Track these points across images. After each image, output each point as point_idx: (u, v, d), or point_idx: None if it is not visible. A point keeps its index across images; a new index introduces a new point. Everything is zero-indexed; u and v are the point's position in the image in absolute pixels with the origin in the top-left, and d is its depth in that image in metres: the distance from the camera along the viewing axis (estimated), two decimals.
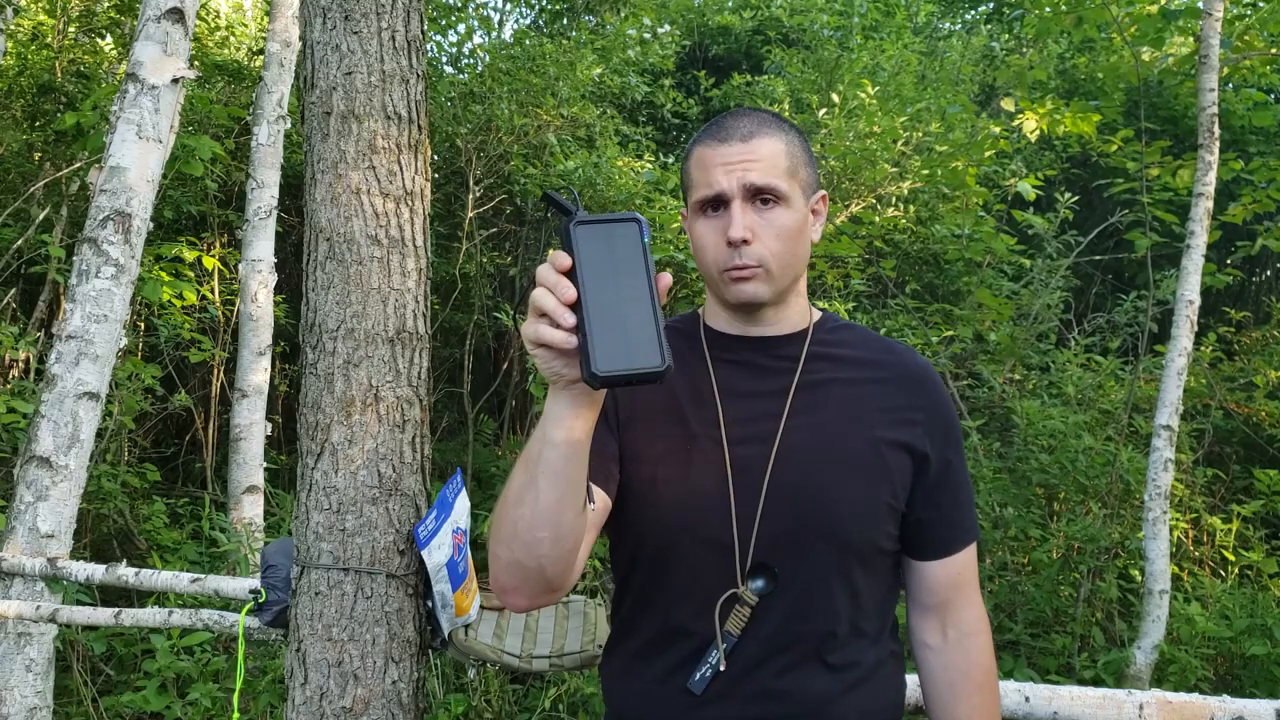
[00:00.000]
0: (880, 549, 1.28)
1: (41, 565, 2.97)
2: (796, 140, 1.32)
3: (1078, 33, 4.99)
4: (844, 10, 9.35)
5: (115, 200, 3.33)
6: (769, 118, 1.32)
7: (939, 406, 1.33)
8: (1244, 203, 4.79)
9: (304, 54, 1.86)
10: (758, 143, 1.27)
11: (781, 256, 1.27)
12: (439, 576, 1.79)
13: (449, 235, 6.69)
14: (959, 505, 1.34)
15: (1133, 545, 4.42)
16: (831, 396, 1.30)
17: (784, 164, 1.28)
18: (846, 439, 1.27)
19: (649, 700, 1.28)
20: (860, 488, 1.25)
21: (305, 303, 1.84)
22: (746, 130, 1.28)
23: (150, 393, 5.57)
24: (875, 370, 1.33)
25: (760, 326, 1.33)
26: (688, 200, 1.32)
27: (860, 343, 1.37)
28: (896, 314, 5.69)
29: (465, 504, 1.92)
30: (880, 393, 1.31)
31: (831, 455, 1.26)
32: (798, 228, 1.28)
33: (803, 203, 1.30)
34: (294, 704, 1.78)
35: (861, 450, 1.27)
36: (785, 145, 1.29)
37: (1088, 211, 7.04)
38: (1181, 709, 1.63)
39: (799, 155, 1.30)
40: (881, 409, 1.30)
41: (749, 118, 1.30)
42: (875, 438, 1.27)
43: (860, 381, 1.31)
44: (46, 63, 6.70)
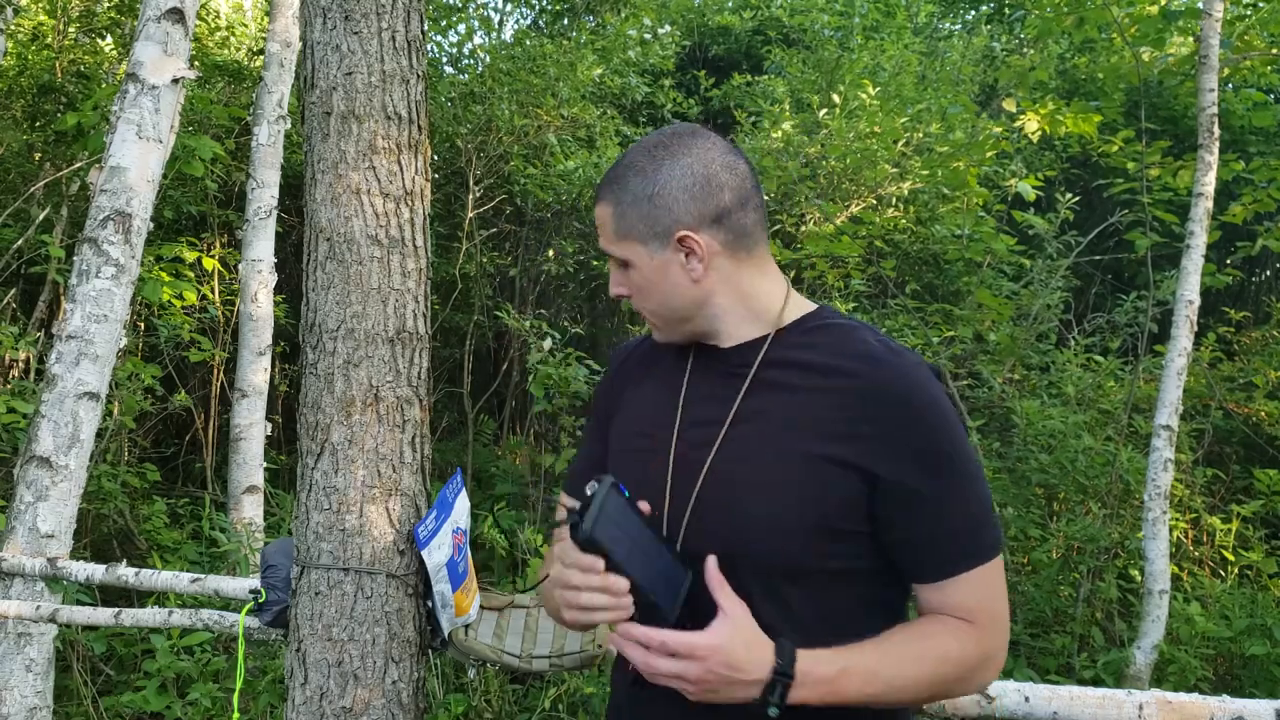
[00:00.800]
0: (813, 568, 1.20)
1: (41, 565, 2.97)
2: (627, 193, 1.28)
3: (1079, 33, 5.00)
4: (844, 10, 9.35)
5: (115, 200, 3.33)
6: (610, 176, 1.31)
7: (900, 425, 1.18)
8: (1244, 203, 4.79)
9: (304, 54, 1.86)
10: (597, 211, 1.32)
11: (653, 309, 1.32)
12: (439, 576, 1.79)
13: (449, 235, 6.69)
14: (945, 532, 1.20)
15: (1132, 545, 4.42)
16: (776, 405, 1.24)
17: (611, 229, 1.29)
18: (776, 452, 1.21)
19: (616, 686, 1.41)
20: (781, 504, 1.19)
21: (305, 303, 1.84)
22: (597, 197, 1.32)
23: (150, 393, 5.57)
24: (835, 379, 1.22)
25: (718, 342, 1.33)
26: None
27: (832, 348, 1.25)
28: (896, 314, 5.69)
29: (465, 504, 1.91)
30: (828, 403, 1.20)
31: (757, 469, 1.22)
32: (650, 282, 1.29)
33: (647, 256, 1.28)
34: (294, 704, 1.78)
35: (790, 464, 1.20)
36: (613, 209, 1.29)
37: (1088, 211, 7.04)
38: (1181, 709, 1.63)
39: (629, 210, 1.27)
40: (824, 420, 1.20)
41: (603, 178, 1.33)
42: (808, 452, 1.19)
43: (811, 390, 1.23)
44: (47, 63, 6.70)
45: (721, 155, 1.29)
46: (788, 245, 5.83)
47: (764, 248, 1.33)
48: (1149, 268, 4.59)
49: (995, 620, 1.23)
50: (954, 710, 1.74)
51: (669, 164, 1.27)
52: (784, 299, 1.32)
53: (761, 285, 1.31)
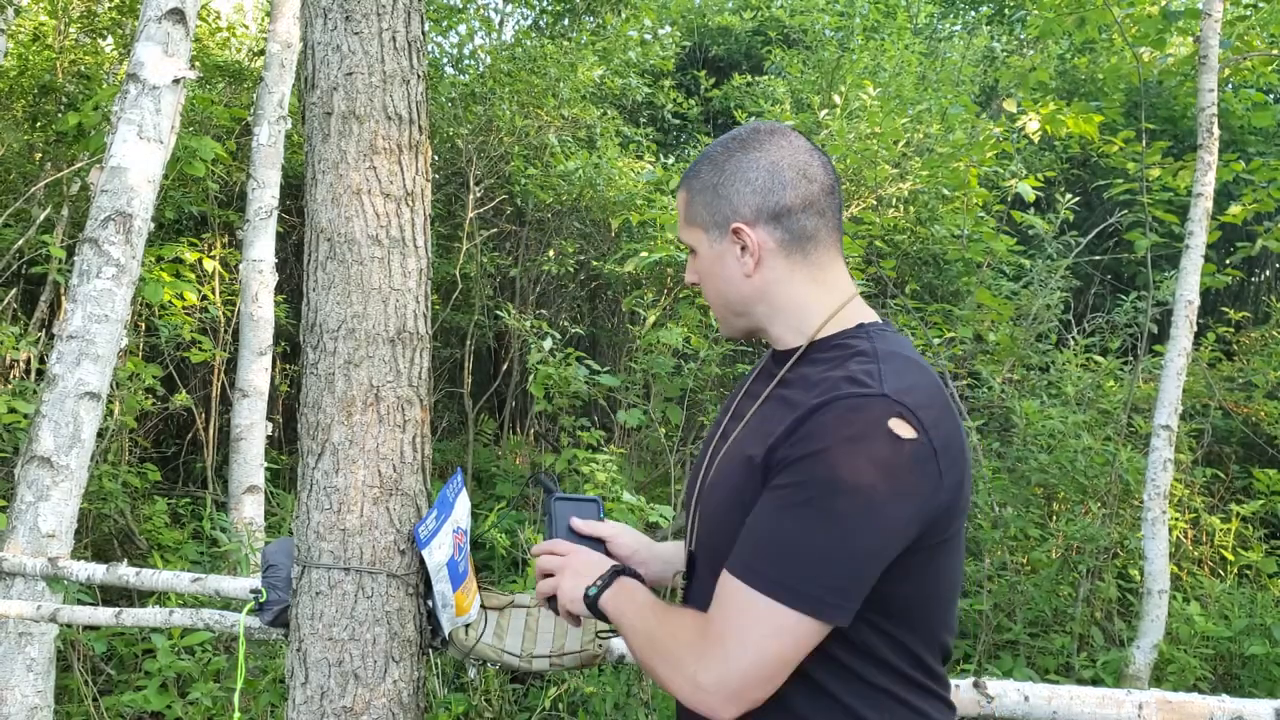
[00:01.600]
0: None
1: (42, 565, 2.97)
2: (702, 179, 1.32)
3: (1080, 34, 5.00)
4: (845, 11, 9.36)
5: (116, 200, 3.33)
6: (692, 165, 1.36)
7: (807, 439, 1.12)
8: (1244, 203, 4.80)
9: (305, 54, 1.86)
10: (678, 197, 1.38)
11: (712, 298, 1.37)
12: (439, 576, 1.79)
13: (449, 235, 6.70)
14: (751, 533, 1.15)
15: (1132, 545, 4.42)
16: (765, 412, 1.27)
17: (683, 215, 1.36)
18: (739, 455, 1.25)
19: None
20: (724, 500, 1.25)
21: (306, 303, 1.84)
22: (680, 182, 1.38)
23: (151, 393, 5.57)
24: (800, 393, 1.21)
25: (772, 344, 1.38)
26: None
27: (827, 367, 1.23)
28: (896, 314, 5.69)
29: (466, 504, 1.91)
30: (780, 413, 1.20)
31: (725, 465, 1.29)
32: (710, 272, 1.34)
33: (708, 245, 1.32)
34: (294, 703, 1.78)
35: (736, 465, 1.24)
36: (685, 193, 1.34)
37: (1087, 212, 7.04)
38: (1181, 709, 1.64)
39: (700, 196, 1.32)
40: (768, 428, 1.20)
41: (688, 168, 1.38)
42: (745, 454, 1.22)
43: (781, 400, 1.24)
44: (48, 63, 6.71)
45: (796, 155, 1.29)
46: None
47: (828, 255, 1.30)
48: (1148, 268, 4.60)
49: (725, 645, 1.13)
50: None
51: (740, 156, 1.30)
52: (831, 312, 1.29)
53: (812, 293, 1.29)
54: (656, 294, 5.92)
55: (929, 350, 5.17)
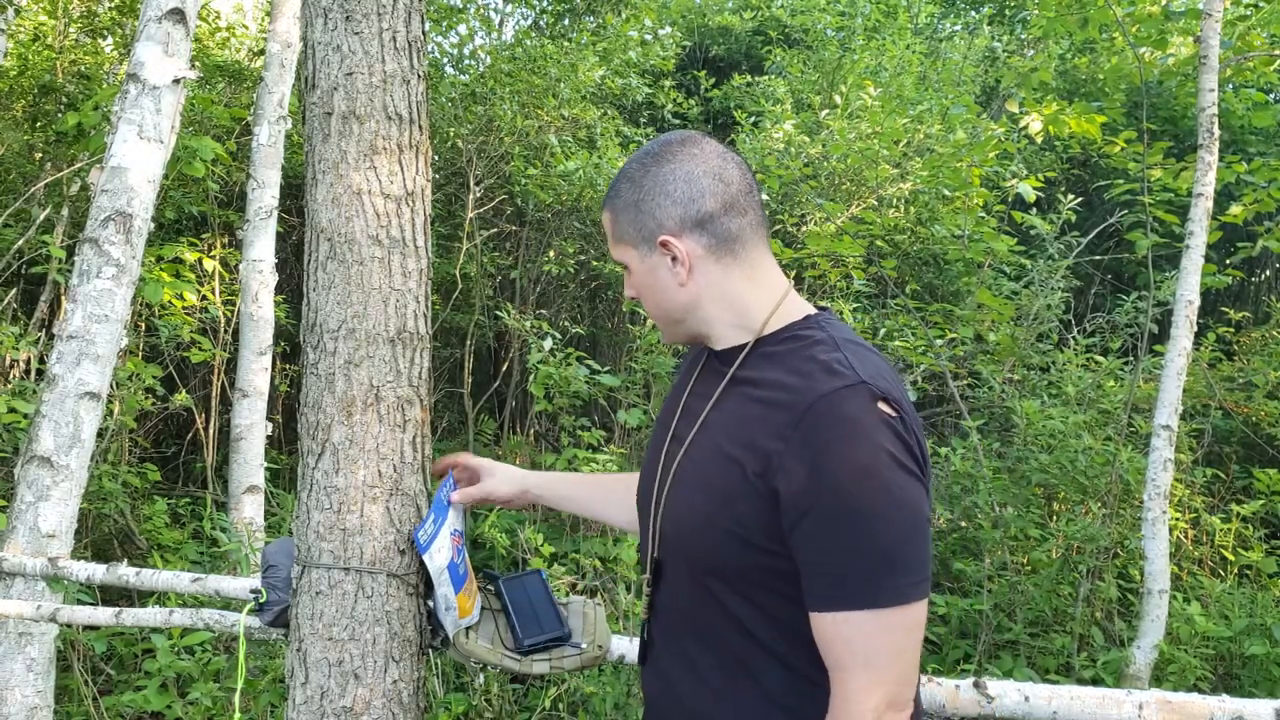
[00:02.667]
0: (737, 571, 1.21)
1: (42, 565, 2.97)
2: (620, 199, 1.35)
3: (1081, 34, 5.00)
4: (845, 11, 9.36)
5: (116, 200, 3.33)
6: (612, 185, 1.38)
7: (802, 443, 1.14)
8: (1245, 203, 4.79)
9: (305, 54, 1.86)
10: (602, 217, 1.40)
11: (650, 310, 1.40)
12: (441, 580, 1.78)
13: (449, 235, 6.70)
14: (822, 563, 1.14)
15: (1132, 545, 4.42)
16: (731, 411, 1.27)
17: (611, 234, 1.38)
18: (713, 454, 1.25)
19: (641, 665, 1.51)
20: (705, 505, 1.23)
21: (306, 303, 1.84)
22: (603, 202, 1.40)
23: (151, 393, 5.57)
24: (772, 393, 1.21)
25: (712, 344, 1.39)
26: None
27: (784, 362, 1.24)
28: (897, 314, 5.70)
29: (461, 506, 1.91)
30: (759, 415, 1.20)
31: (702, 468, 1.27)
32: (643, 285, 1.37)
33: (638, 261, 1.35)
34: (294, 703, 1.78)
35: (718, 468, 1.23)
36: (610, 213, 1.37)
37: (1088, 212, 7.04)
38: (1181, 709, 1.63)
39: (621, 216, 1.35)
40: (752, 431, 1.20)
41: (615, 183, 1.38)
42: (732, 458, 1.21)
43: (753, 401, 1.23)
44: (48, 63, 6.70)
45: (710, 162, 1.31)
46: (789, 245, 5.83)
47: (757, 253, 1.33)
48: (1149, 268, 4.59)
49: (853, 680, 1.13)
50: (954, 709, 1.75)
51: (654, 171, 1.32)
52: (773, 306, 1.31)
53: (750, 291, 1.32)
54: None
55: (929, 350, 5.17)
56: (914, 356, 5.10)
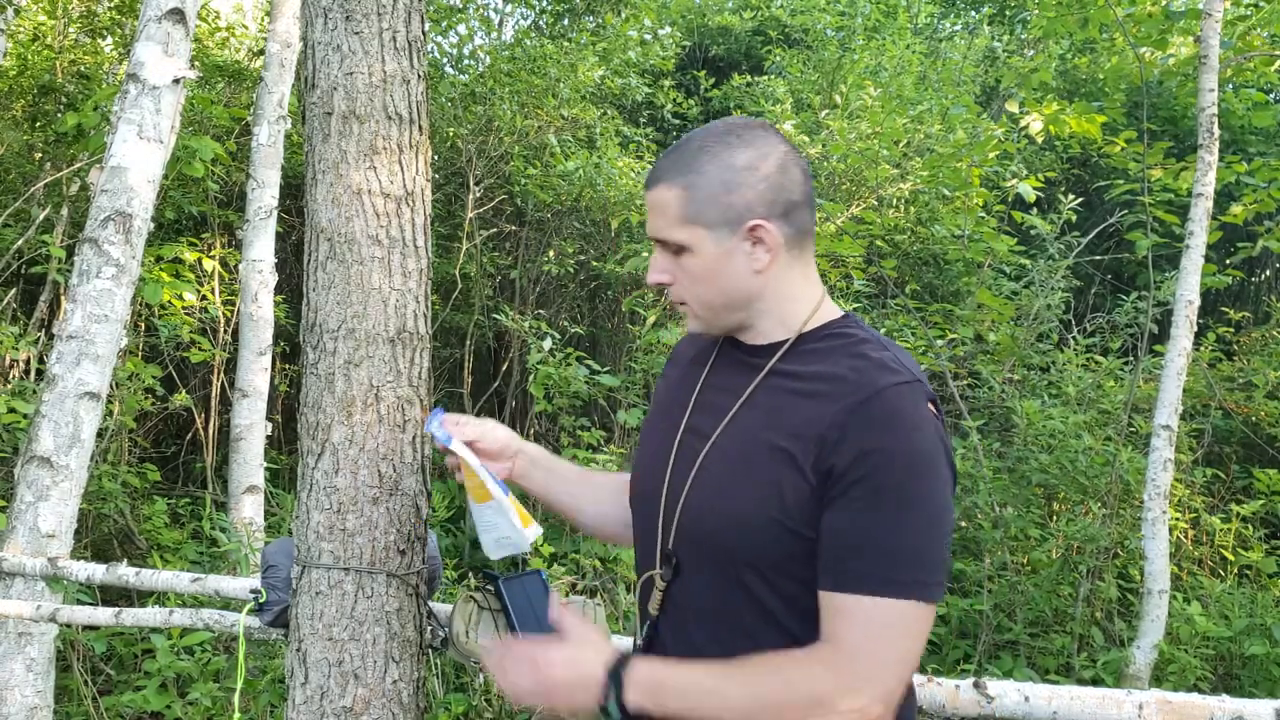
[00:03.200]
0: (778, 564, 1.20)
1: (42, 565, 2.97)
2: (708, 175, 1.26)
3: (1082, 34, 5.00)
4: (845, 11, 9.36)
5: (116, 200, 3.33)
6: (676, 159, 1.28)
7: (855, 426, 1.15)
8: (1245, 203, 4.79)
9: (305, 54, 1.86)
10: (655, 193, 1.29)
11: (700, 299, 1.29)
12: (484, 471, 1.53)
13: (449, 235, 6.70)
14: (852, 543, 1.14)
15: (1132, 545, 4.42)
16: (772, 404, 1.26)
17: (676, 212, 1.26)
18: (755, 452, 1.23)
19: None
20: (751, 498, 1.21)
21: (306, 303, 1.84)
22: (654, 176, 1.29)
23: (151, 393, 5.57)
24: (827, 384, 1.21)
25: (744, 337, 1.35)
26: None
27: (836, 358, 1.24)
28: (897, 314, 5.69)
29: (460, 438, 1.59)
30: (811, 410, 1.20)
31: (741, 462, 1.24)
32: (709, 270, 1.27)
33: (713, 243, 1.26)
34: (294, 703, 1.78)
35: (762, 460, 1.21)
36: (680, 191, 1.26)
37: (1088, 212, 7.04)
38: (1181, 709, 1.63)
39: (705, 193, 1.25)
40: (801, 424, 1.19)
41: (669, 156, 1.29)
42: (778, 449, 1.20)
43: (805, 394, 1.23)
44: (47, 63, 6.70)
45: (790, 150, 1.30)
46: None
47: (811, 250, 1.33)
48: (1149, 268, 4.59)
49: (862, 656, 1.13)
50: (954, 710, 1.75)
51: (744, 152, 1.26)
52: (815, 305, 1.32)
53: (802, 289, 1.32)
54: (657, 294, 5.92)
55: (930, 350, 5.17)
56: (914, 356, 5.10)
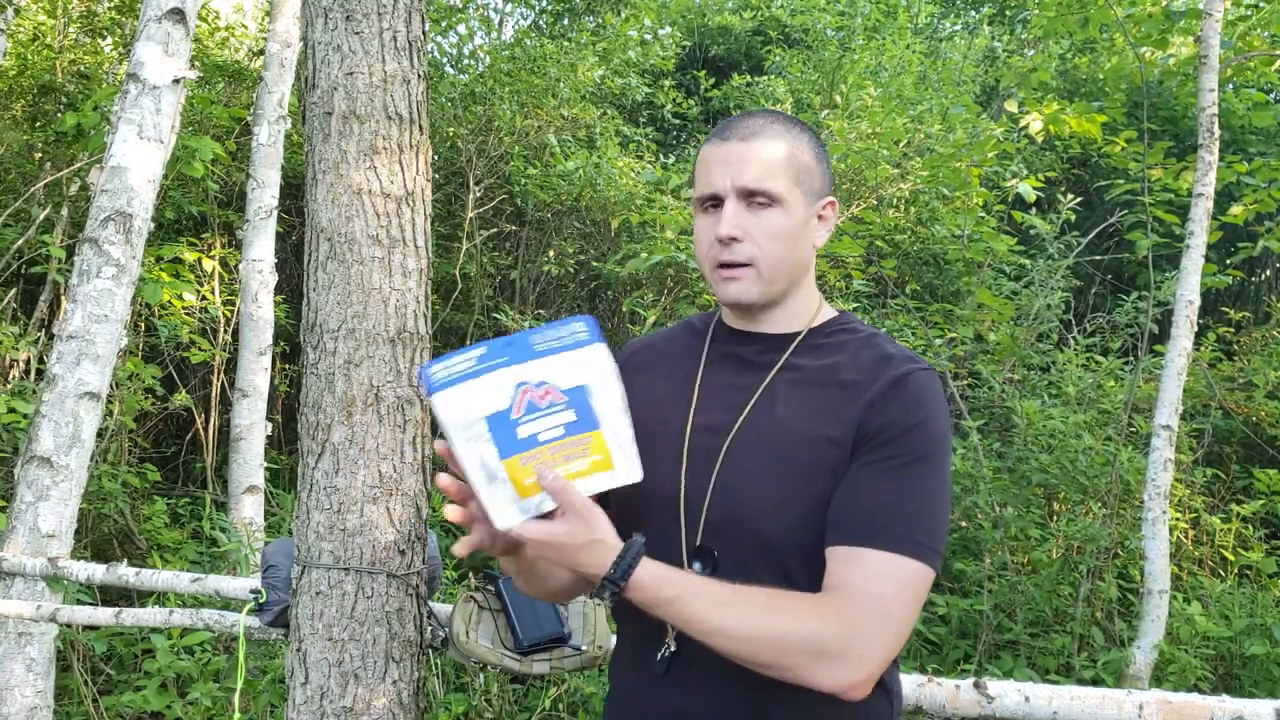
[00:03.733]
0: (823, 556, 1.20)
1: (42, 565, 2.97)
2: (805, 144, 1.30)
3: (1082, 34, 5.00)
4: (845, 11, 9.36)
5: (116, 200, 3.33)
6: (778, 119, 1.31)
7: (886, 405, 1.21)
8: (1245, 203, 4.79)
9: (306, 54, 1.86)
10: (758, 143, 1.28)
11: (773, 258, 1.28)
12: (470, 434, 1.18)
13: (449, 235, 6.69)
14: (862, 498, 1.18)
15: (1132, 545, 4.42)
16: (796, 399, 1.27)
17: (782, 166, 1.27)
18: (792, 443, 1.24)
19: (630, 680, 1.33)
20: (795, 493, 1.22)
21: (306, 303, 1.84)
22: (749, 130, 1.29)
23: (150, 393, 5.57)
24: (850, 375, 1.26)
25: (758, 324, 1.35)
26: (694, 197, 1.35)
27: (854, 348, 1.30)
28: (897, 314, 5.69)
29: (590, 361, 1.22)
30: (839, 395, 1.24)
31: (774, 453, 1.24)
32: (793, 231, 1.28)
33: (803, 207, 1.29)
34: (294, 703, 1.78)
35: (803, 455, 1.22)
36: (788, 147, 1.28)
37: (1088, 212, 7.04)
38: (1181, 709, 1.63)
39: (804, 159, 1.29)
40: (832, 411, 1.23)
41: (756, 119, 1.30)
42: (818, 441, 1.22)
43: (830, 385, 1.26)
44: (47, 63, 6.70)
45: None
46: None
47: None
48: (1149, 268, 4.59)
49: (873, 607, 1.13)
50: (954, 710, 1.75)
51: (815, 135, 1.34)
52: (820, 302, 1.37)
53: (812, 282, 1.37)
54: (656, 294, 5.92)
55: (929, 350, 5.17)
56: None
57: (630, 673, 1.34)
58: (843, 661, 1.11)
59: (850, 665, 1.11)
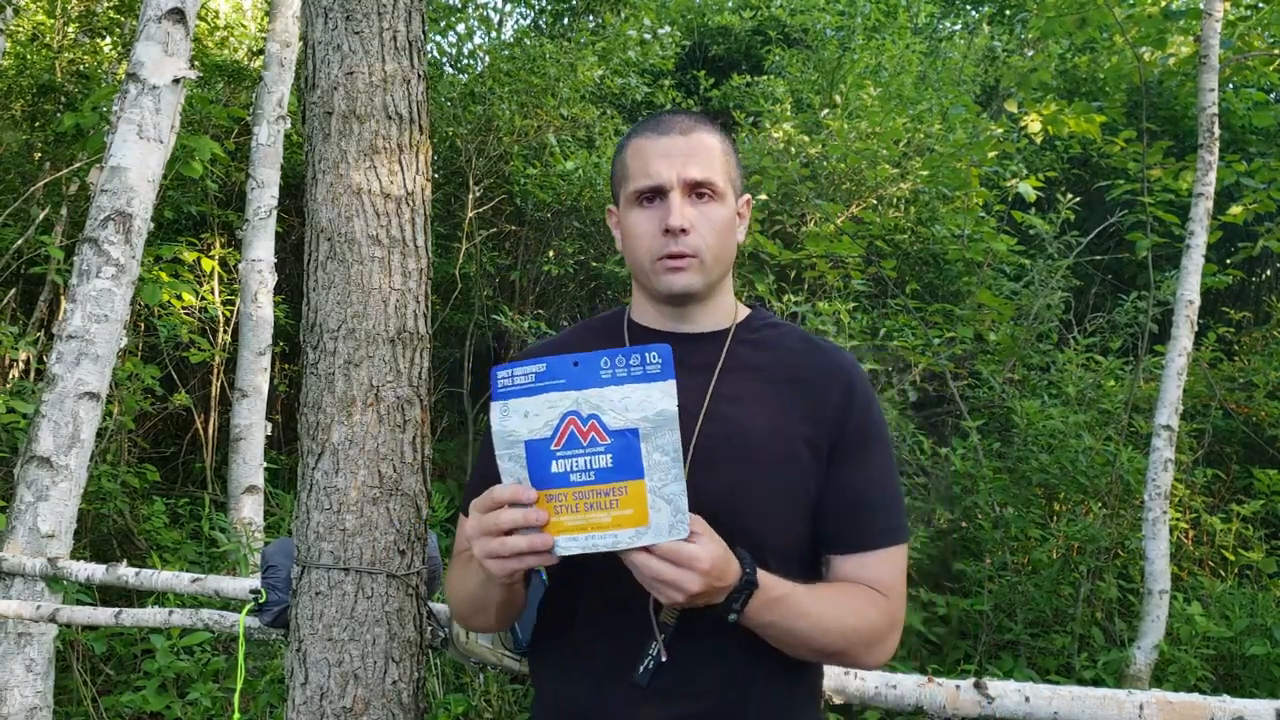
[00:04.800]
0: (797, 551, 1.28)
1: (42, 565, 2.97)
2: (728, 141, 1.37)
3: (1081, 34, 5.00)
4: (845, 10, 9.35)
5: (116, 200, 3.33)
6: (704, 116, 1.37)
7: (854, 404, 1.30)
8: (1245, 203, 4.79)
9: (305, 54, 1.86)
10: (696, 137, 1.32)
11: (714, 249, 1.32)
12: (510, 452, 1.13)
13: (449, 235, 6.69)
14: (860, 506, 1.28)
15: (1132, 545, 4.42)
16: (749, 397, 1.29)
17: (720, 161, 1.33)
18: (761, 441, 1.26)
19: (595, 696, 1.27)
20: (771, 489, 1.25)
21: (306, 303, 1.84)
22: (685, 125, 1.33)
23: (150, 393, 5.57)
24: (795, 369, 1.33)
25: (686, 323, 1.36)
26: (620, 194, 1.36)
27: (784, 342, 1.36)
28: (896, 314, 5.69)
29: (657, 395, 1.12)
30: (797, 392, 1.30)
31: (744, 456, 1.26)
32: (729, 223, 1.34)
33: (733, 201, 1.36)
34: (294, 704, 1.78)
35: (775, 453, 1.26)
36: (720, 143, 1.35)
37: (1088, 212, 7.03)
38: (1181, 709, 1.63)
39: (731, 156, 1.36)
40: (798, 408, 1.29)
41: (684, 116, 1.35)
42: (790, 437, 1.27)
43: (779, 382, 1.31)
44: (46, 63, 6.70)
45: None
46: (788, 245, 5.83)
47: None
48: (1149, 268, 4.59)
49: (902, 599, 1.30)
50: (954, 710, 1.74)
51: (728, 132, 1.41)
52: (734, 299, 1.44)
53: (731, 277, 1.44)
54: None
55: (929, 350, 5.16)
56: (914, 356, 5.09)
57: (594, 693, 1.27)
58: (887, 644, 1.27)
59: (890, 646, 1.27)
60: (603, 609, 1.27)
